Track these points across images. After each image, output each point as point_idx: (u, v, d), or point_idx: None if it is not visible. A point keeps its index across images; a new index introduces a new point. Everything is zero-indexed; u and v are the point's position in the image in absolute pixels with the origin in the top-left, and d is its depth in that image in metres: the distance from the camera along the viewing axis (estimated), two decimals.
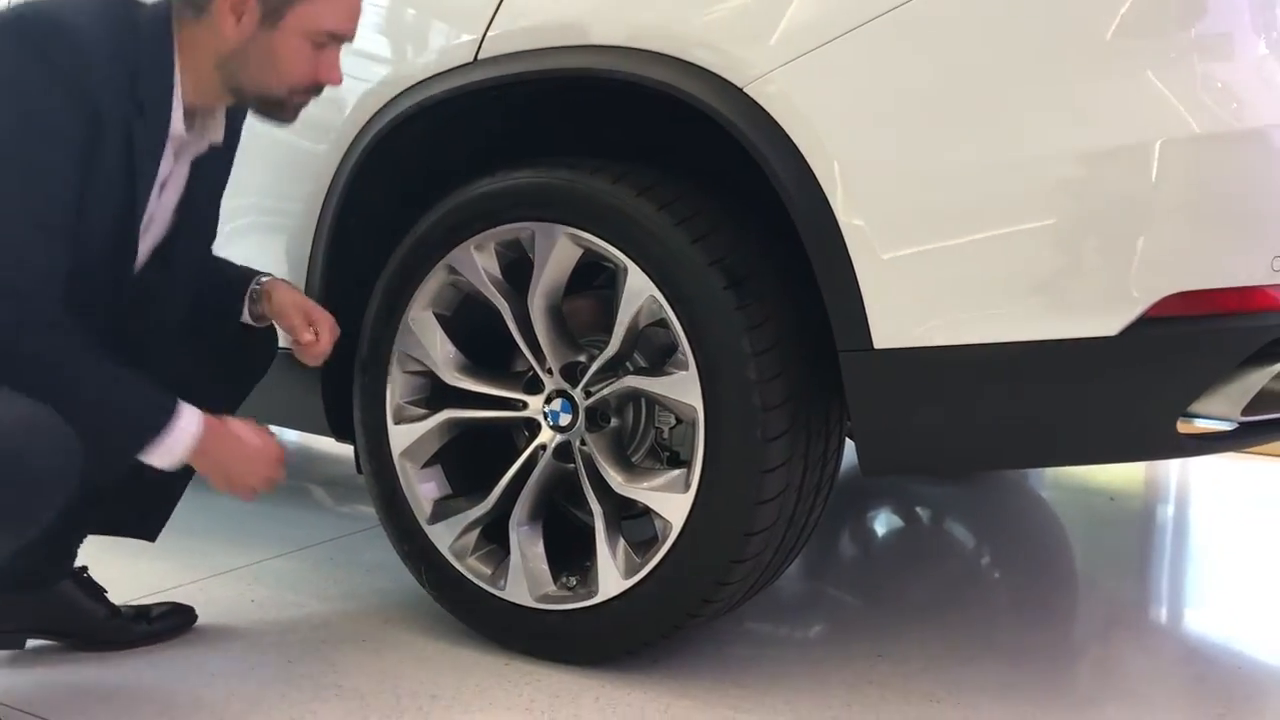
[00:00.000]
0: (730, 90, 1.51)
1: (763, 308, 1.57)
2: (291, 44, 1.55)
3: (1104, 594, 2.31)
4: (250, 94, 1.58)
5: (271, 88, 1.57)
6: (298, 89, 1.59)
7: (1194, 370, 1.40)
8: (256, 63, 1.55)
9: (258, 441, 1.60)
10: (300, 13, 1.54)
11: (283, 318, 1.75)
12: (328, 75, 1.60)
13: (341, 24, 1.58)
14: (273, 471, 1.61)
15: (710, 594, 1.63)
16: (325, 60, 1.59)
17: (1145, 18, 1.38)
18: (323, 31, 1.56)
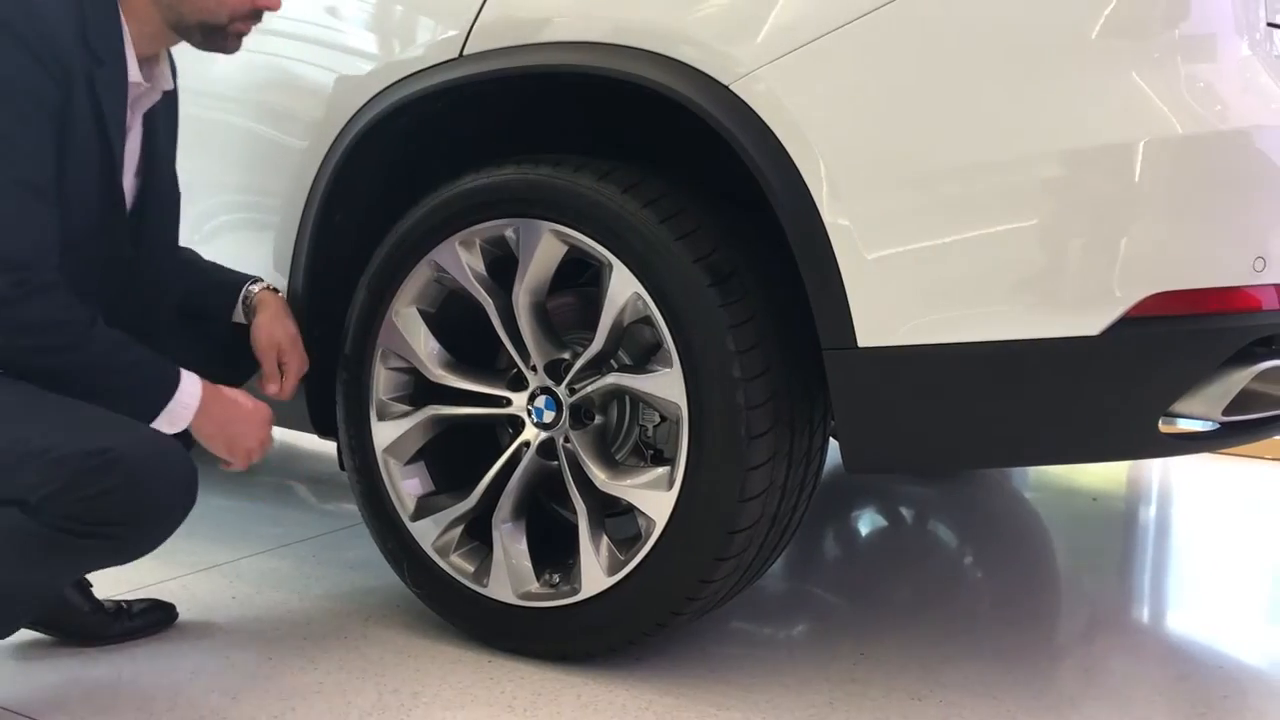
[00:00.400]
0: (716, 88, 1.51)
1: (747, 305, 1.56)
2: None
3: (1086, 594, 2.32)
4: (192, 24, 1.58)
5: (212, 14, 1.57)
6: (238, 14, 1.59)
7: (1176, 370, 1.40)
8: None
9: (250, 404, 1.65)
10: None
11: (257, 351, 1.78)
12: (266, 1, 1.59)
13: None
14: (266, 433, 1.67)
15: (694, 592, 1.63)
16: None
17: (1130, 18, 1.38)
18: None
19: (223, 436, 1.62)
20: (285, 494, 2.82)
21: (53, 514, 1.42)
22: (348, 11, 1.88)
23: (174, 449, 1.51)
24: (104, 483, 1.42)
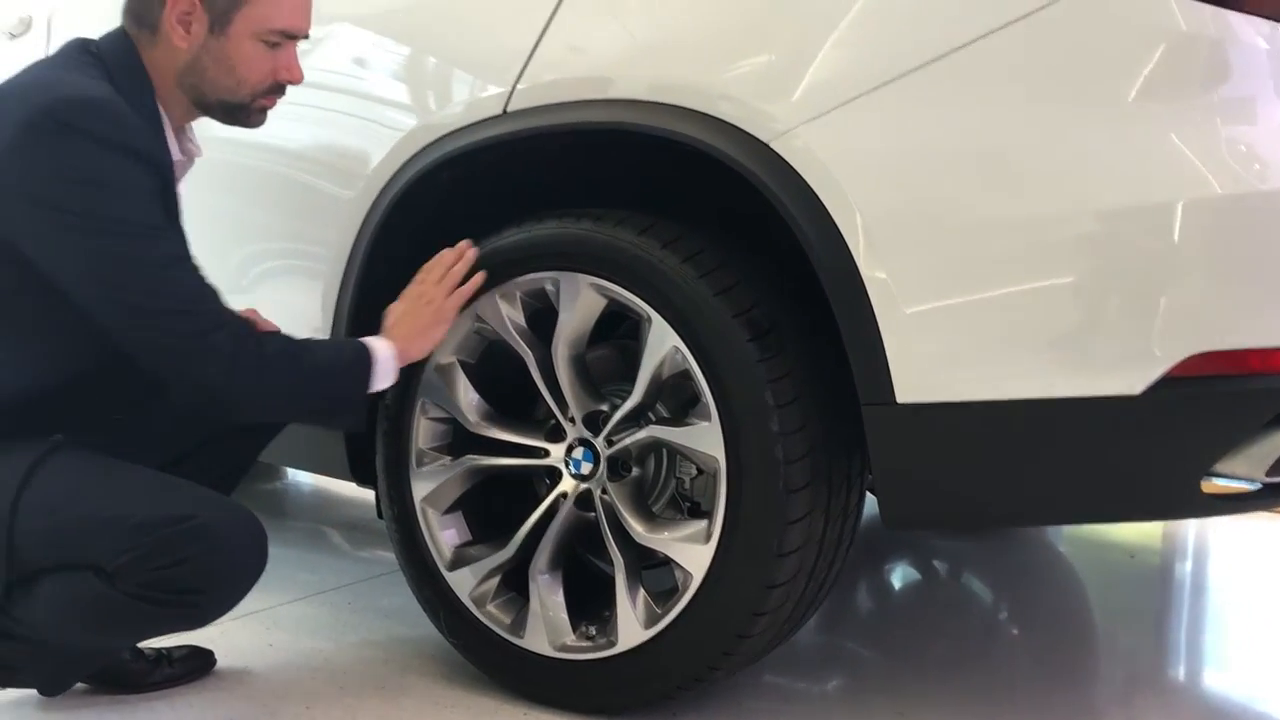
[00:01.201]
0: (756, 145, 1.53)
1: (786, 361, 1.57)
2: (244, 48, 1.58)
3: (1124, 652, 2.29)
4: (213, 102, 1.62)
5: (233, 93, 1.61)
6: (259, 91, 1.62)
7: (1218, 430, 1.40)
8: (213, 70, 1.58)
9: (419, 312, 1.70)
10: (247, 15, 1.57)
11: None
12: (287, 74, 1.63)
13: (291, 21, 1.61)
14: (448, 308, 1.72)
15: (731, 646, 1.63)
16: (283, 59, 1.62)
17: (1169, 81, 1.39)
18: (274, 31, 1.59)
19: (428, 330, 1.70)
20: (319, 540, 2.83)
21: (131, 581, 1.45)
22: (395, 68, 1.92)
23: (248, 514, 1.54)
24: (184, 551, 1.45)
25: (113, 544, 1.45)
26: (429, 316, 1.70)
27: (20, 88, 1.50)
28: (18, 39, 2.43)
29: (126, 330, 1.48)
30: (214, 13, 1.56)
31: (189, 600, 1.49)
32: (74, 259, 1.46)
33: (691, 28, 1.62)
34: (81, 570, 1.46)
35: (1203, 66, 1.42)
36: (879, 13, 1.49)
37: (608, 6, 1.70)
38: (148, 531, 1.45)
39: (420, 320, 1.69)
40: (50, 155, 1.43)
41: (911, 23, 1.47)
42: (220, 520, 1.50)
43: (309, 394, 1.60)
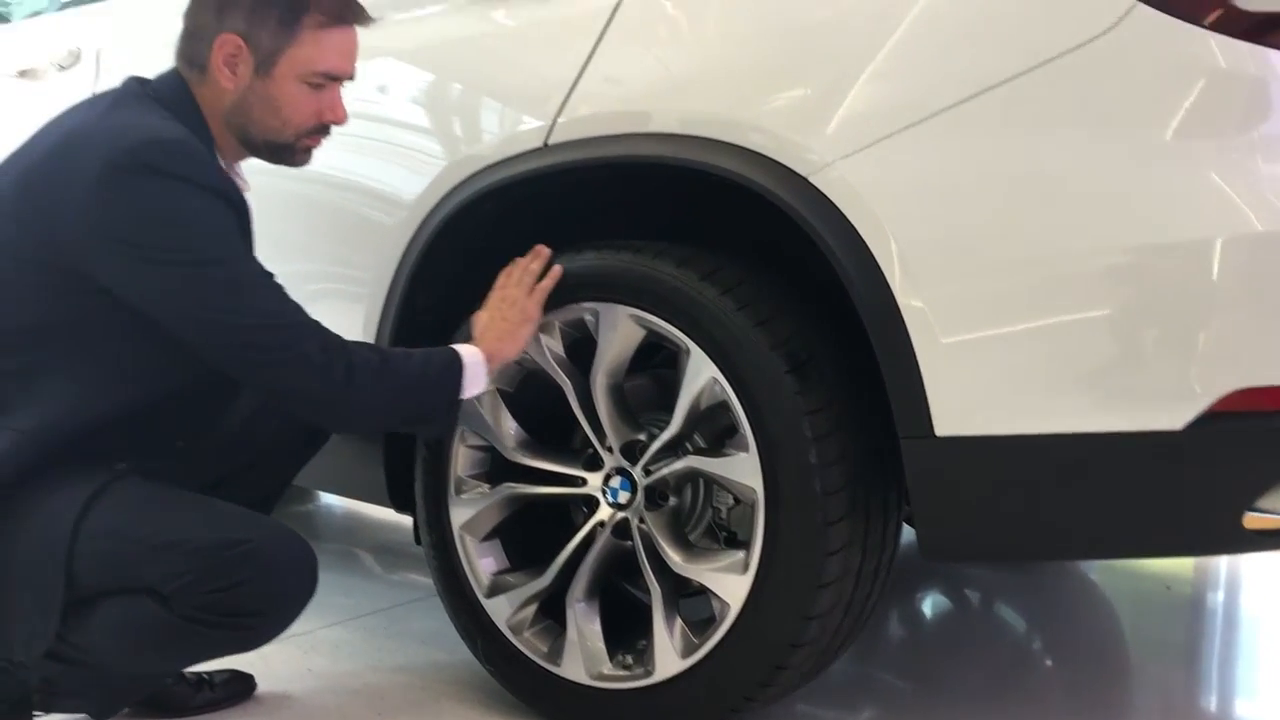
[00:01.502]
0: (796, 179, 1.54)
1: (824, 392, 1.58)
2: (289, 89, 1.62)
3: (1159, 685, 2.27)
4: (259, 142, 1.66)
5: (278, 133, 1.64)
6: (303, 131, 1.66)
7: (1260, 466, 1.40)
8: (259, 111, 1.62)
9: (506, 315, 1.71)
10: (292, 58, 1.60)
11: None
12: (331, 115, 1.66)
13: (335, 64, 1.64)
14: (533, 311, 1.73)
15: (768, 678, 1.63)
16: (327, 100, 1.65)
17: (1208, 117, 1.40)
18: (318, 73, 1.62)
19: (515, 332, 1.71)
20: (353, 563, 2.85)
21: (187, 604, 1.48)
22: (441, 101, 1.95)
23: (298, 539, 1.57)
24: (239, 574, 1.48)
25: (169, 568, 1.48)
26: (515, 316, 1.71)
27: (93, 131, 1.53)
28: (66, 71, 2.48)
29: (222, 352, 1.53)
30: (259, 55, 1.60)
31: (243, 623, 1.52)
32: (167, 293, 1.49)
33: (732, 63, 1.63)
34: (138, 594, 1.49)
35: (1242, 103, 1.42)
36: (914, 49, 1.50)
37: (647, 41, 1.72)
38: (203, 556, 1.48)
39: (508, 321, 1.71)
40: (136, 197, 1.47)
41: (949, 59, 1.49)
42: (272, 544, 1.54)
43: (400, 402, 1.64)
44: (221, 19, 1.59)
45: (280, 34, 1.59)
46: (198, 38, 1.62)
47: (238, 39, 1.59)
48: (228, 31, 1.59)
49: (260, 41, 1.59)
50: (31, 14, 2.88)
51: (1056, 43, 1.42)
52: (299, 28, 1.60)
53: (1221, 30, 1.40)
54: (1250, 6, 1.40)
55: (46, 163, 1.52)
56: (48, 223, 1.50)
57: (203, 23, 1.61)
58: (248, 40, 1.59)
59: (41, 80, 2.56)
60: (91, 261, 1.49)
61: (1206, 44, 1.39)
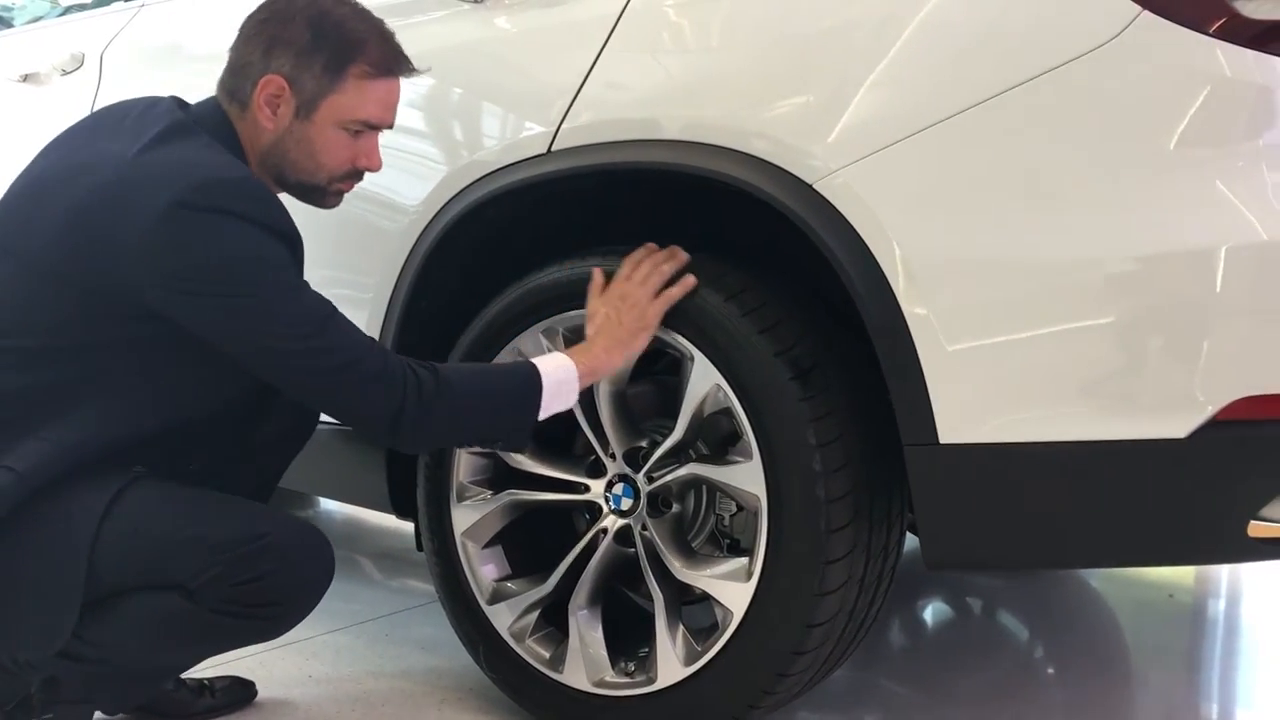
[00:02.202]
0: (800, 186, 1.54)
1: (828, 399, 1.58)
2: (327, 134, 1.62)
3: (1161, 692, 2.26)
4: (292, 182, 1.67)
5: (311, 175, 1.65)
6: (337, 176, 1.67)
7: (1265, 474, 1.39)
8: (295, 153, 1.63)
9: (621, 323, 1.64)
10: (334, 104, 1.61)
11: None
12: (367, 162, 1.67)
13: (376, 113, 1.64)
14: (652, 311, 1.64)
15: (770, 685, 1.63)
16: (364, 147, 1.66)
17: (1214, 126, 1.40)
18: (357, 121, 1.63)
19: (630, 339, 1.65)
20: (353, 569, 2.84)
21: (212, 598, 1.51)
22: (445, 107, 1.95)
23: (315, 530, 1.61)
24: (263, 567, 1.52)
25: (193, 564, 1.51)
26: (631, 322, 1.64)
27: (155, 164, 1.51)
28: (69, 75, 2.48)
29: (289, 381, 1.55)
30: (302, 98, 1.60)
31: (266, 613, 1.56)
32: (233, 328, 1.50)
33: (736, 69, 1.63)
34: (163, 590, 1.52)
35: (1247, 111, 1.42)
36: (918, 57, 1.50)
37: (651, 48, 1.72)
38: (228, 550, 1.51)
39: (623, 327, 1.64)
40: (202, 236, 1.47)
41: (953, 66, 1.49)
42: (292, 537, 1.58)
43: (467, 425, 1.64)
44: (268, 59, 1.59)
45: (325, 80, 1.60)
46: (242, 74, 1.62)
47: (282, 80, 1.59)
48: (273, 72, 1.59)
49: (304, 85, 1.60)
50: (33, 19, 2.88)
51: (1061, 51, 1.41)
52: (344, 76, 1.60)
53: (1226, 38, 1.39)
54: (1255, 14, 1.40)
55: (103, 192, 1.50)
56: (104, 254, 1.48)
57: (249, 59, 1.61)
58: (292, 83, 1.59)
59: (44, 85, 2.56)
60: (151, 296, 1.49)
61: (1211, 52, 1.39)
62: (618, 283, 1.67)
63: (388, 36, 1.64)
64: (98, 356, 1.54)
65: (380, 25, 1.64)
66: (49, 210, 1.53)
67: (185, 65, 2.34)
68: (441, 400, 1.56)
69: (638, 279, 1.65)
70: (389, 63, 1.63)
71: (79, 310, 1.52)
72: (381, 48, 1.62)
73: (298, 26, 1.59)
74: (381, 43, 1.63)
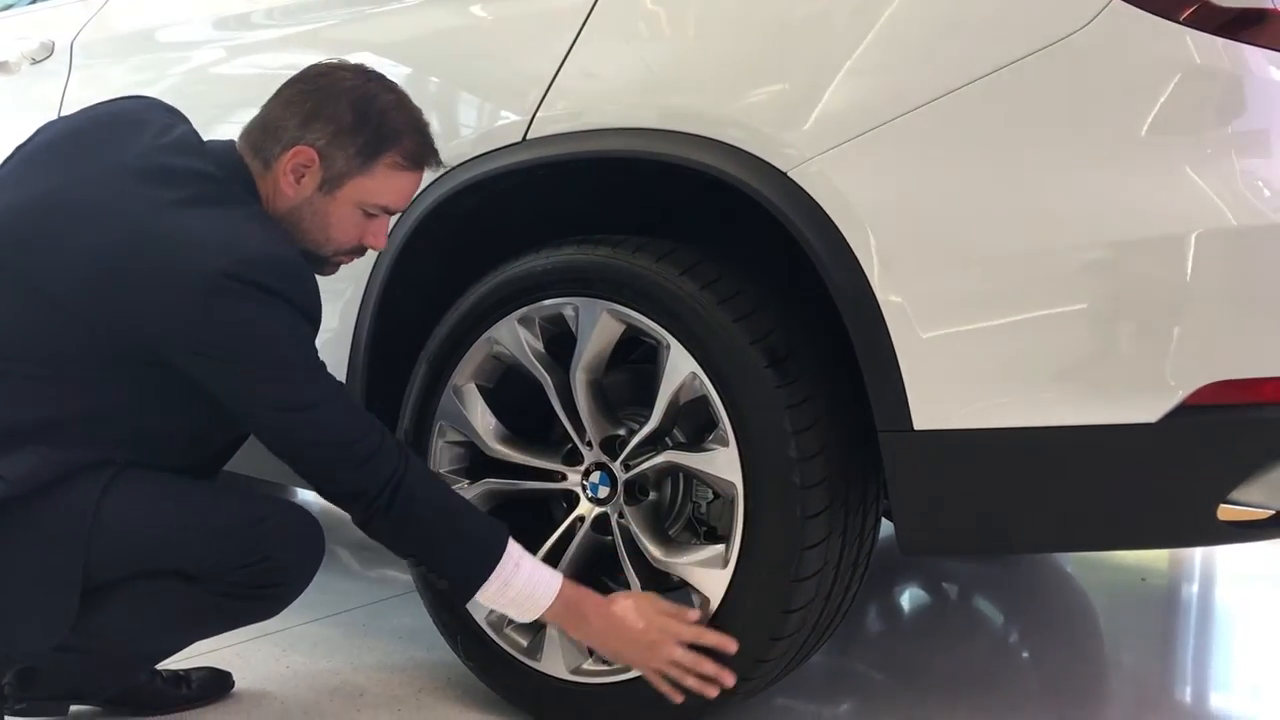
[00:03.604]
0: (775, 174, 1.54)
1: (804, 386, 1.59)
2: (344, 211, 1.64)
3: (1134, 674, 2.29)
4: None
5: (319, 246, 1.66)
6: (342, 250, 1.69)
7: (1234, 458, 1.41)
8: (309, 223, 1.64)
9: (639, 624, 1.62)
10: (360, 185, 1.62)
11: None
12: (374, 241, 1.70)
13: (396, 201, 1.67)
14: (672, 654, 1.61)
15: (747, 671, 1.64)
16: (374, 227, 1.68)
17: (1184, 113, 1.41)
18: (377, 205, 1.65)
19: (613, 647, 1.66)
20: (331, 560, 2.80)
21: (217, 581, 1.54)
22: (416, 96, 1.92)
23: (305, 510, 1.65)
24: (264, 549, 1.56)
25: (197, 550, 1.53)
26: (635, 650, 1.64)
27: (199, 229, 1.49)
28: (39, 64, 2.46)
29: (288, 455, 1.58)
30: (329, 173, 1.60)
31: (267, 593, 1.60)
32: (247, 395, 1.53)
33: (712, 58, 1.64)
34: (165, 576, 1.54)
35: (1217, 99, 1.44)
36: (892, 46, 1.51)
37: (626, 36, 1.72)
38: (229, 535, 1.54)
39: (625, 639, 1.65)
40: (240, 311, 1.47)
41: (927, 55, 1.49)
42: (288, 517, 1.62)
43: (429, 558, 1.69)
44: (305, 129, 1.59)
45: (356, 162, 1.60)
46: (273, 136, 1.61)
47: (314, 153, 1.59)
48: (307, 144, 1.59)
49: (334, 162, 1.60)
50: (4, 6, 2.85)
51: (1033, 38, 1.42)
52: (376, 162, 1.61)
53: (1197, 26, 1.41)
54: (1224, 2, 1.42)
55: (145, 247, 1.48)
56: (136, 307, 1.48)
57: (284, 123, 1.60)
58: (323, 157, 1.60)
59: (14, 74, 2.53)
60: (177, 356, 1.50)
61: (1182, 40, 1.41)
62: (672, 618, 1.63)
63: (424, 130, 1.66)
64: (97, 388, 1.53)
65: (419, 118, 1.66)
66: (70, 243, 1.50)
67: (155, 54, 2.32)
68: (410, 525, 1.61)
69: (681, 636, 1.62)
70: (421, 158, 1.66)
71: (88, 345, 1.50)
72: (418, 142, 1.64)
73: (342, 106, 1.59)
74: (418, 137, 1.65)
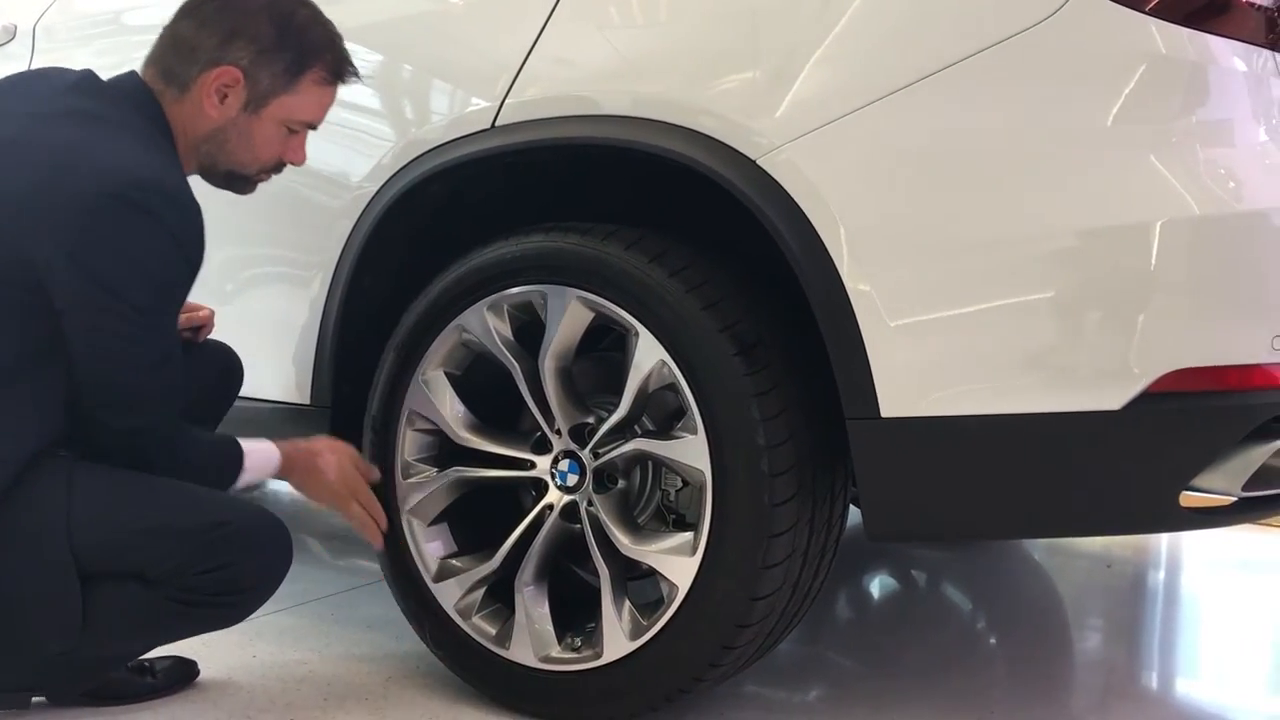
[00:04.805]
0: (744, 162, 1.54)
1: (772, 374, 1.59)
2: (269, 129, 1.66)
3: (1101, 661, 2.32)
4: (221, 170, 1.68)
5: (244, 166, 1.68)
6: (266, 168, 1.70)
7: (1196, 445, 1.43)
8: (234, 143, 1.65)
9: (332, 477, 1.74)
10: (284, 103, 1.64)
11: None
12: (294, 156, 1.71)
13: (317, 115, 1.70)
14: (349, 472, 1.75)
15: (716, 658, 1.64)
16: (294, 143, 1.70)
17: (1148, 102, 1.42)
18: (300, 121, 1.67)
19: (313, 495, 1.76)
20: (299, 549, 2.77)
21: (175, 586, 1.52)
22: (386, 81, 1.92)
23: (272, 516, 1.62)
24: (226, 555, 1.53)
25: (156, 553, 1.51)
26: (338, 486, 1.75)
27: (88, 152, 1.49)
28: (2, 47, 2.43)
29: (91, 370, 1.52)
30: (254, 93, 1.62)
31: (228, 600, 1.58)
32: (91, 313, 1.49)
33: (683, 45, 1.63)
34: (122, 579, 1.52)
35: (1181, 88, 1.45)
36: (862, 33, 1.51)
37: (596, 23, 1.71)
38: (189, 539, 1.52)
39: (323, 476, 1.74)
40: (121, 231, 1.46)
41: (895, 43, 1.50)
42: (252, 523, 1.59)
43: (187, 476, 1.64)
44: (225, 49, 1.59)
45: (281, 80, 1.62)
46: (187, 57, 1.60)
47: (238, 72, 1.59)
48: (230, 64, 1.59)
49: (259, 81, 1.61)
50: None
51: (1000, 28, 1.43)
52: (301, 79, 1.64)
53: (1162, 16, 1.42)
54: None
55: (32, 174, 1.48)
56: (25, 240, 1.47)
57: (199, 44, 1.60)
58: (247, 76, 1.60)
59: None
60: (51, 277, 1.47)
61: (1147, 29, 1.42)
62: (363, 473, 1.78)
63: (340, 44, 1.68)
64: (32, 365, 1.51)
65: (335, 31, 1.68)
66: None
67: (119, 37, 2.30)
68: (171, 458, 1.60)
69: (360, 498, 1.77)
70: (343, 72, 1.69)
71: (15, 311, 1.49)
72: (338, 56, 1.67)
73: (262, 23, 1.60)
74: (338, 50, 1.67)
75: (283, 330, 2.00)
